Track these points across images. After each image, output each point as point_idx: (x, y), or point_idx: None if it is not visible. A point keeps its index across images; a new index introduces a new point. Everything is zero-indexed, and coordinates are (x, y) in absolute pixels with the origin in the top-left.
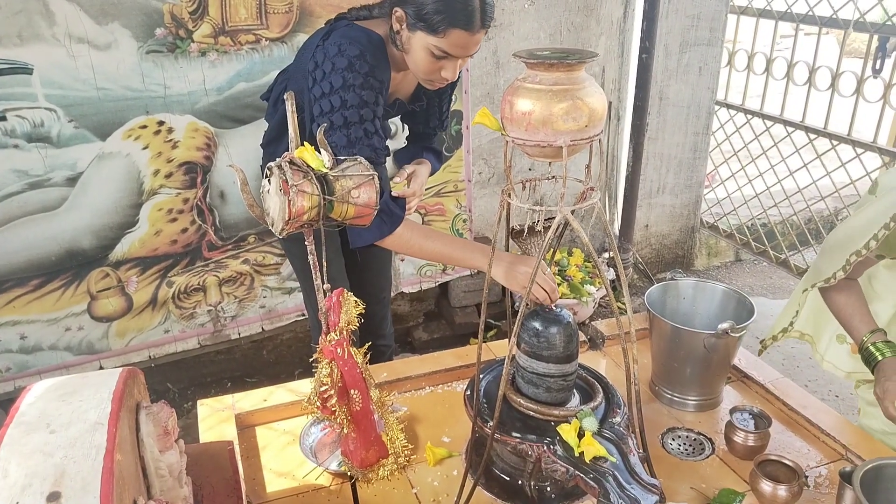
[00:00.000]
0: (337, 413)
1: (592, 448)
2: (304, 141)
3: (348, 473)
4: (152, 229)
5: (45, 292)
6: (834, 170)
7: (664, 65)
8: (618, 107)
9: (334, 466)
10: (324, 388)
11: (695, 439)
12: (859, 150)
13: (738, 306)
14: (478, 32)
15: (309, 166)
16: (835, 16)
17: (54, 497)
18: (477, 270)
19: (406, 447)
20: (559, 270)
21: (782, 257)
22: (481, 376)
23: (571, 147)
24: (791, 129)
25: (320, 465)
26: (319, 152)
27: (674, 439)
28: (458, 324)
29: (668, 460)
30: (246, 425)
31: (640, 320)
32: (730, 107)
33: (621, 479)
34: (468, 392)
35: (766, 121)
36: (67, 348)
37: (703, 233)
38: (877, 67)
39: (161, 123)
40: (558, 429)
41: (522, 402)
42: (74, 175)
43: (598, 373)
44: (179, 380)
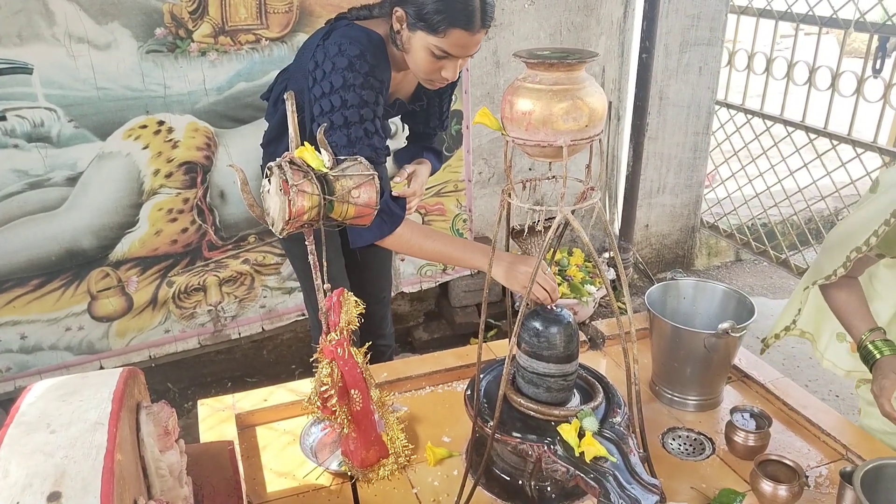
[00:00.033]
0: (337, 413)
1: (593, 448)
2: (304, 141)
3: (349, 473)
4: (152, 229)
5: (45, 292)
6: (834, 170)
7: (664, 64)
8: (618, 107)
9: (334, 466)
10: (324, 387)
11: (695, 439)
12: (859, 150)
13: (739, 306)
14: (478, 32)
15: (309, 166)
16: (835, 16)
17: (55, 497)
18: (477, 270)
19: (406, 447)
20: (559, 270)
21: (782, 257)
22: (481, 376)
23: (571, 147)
24: (791, 128)
25: (320, 465)
26: (320, 152)
27: (674, 439)
28: (458, 324)
29: (668, 460)
30: (246, 425)
31: (641, 320)
32: (730, 107)
33: (622, 479)
34: (468, 392)
35: (766, 120)
36: (68, 348)
37: (703, 233)
38: (877, 67)
39: (161, 123)
40: (559, 429)
41: (523, 401)
42: (74, 175)
43: (599, 373)
44: (180, 380)
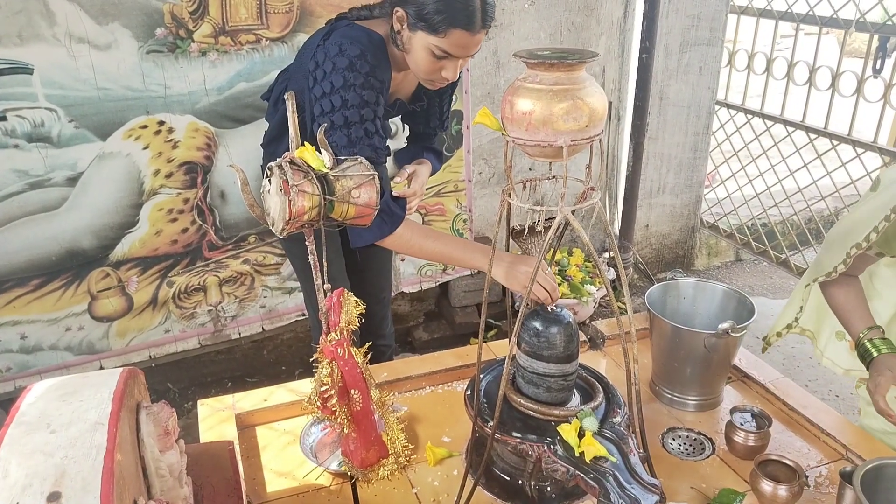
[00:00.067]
0: (337, 413)
1: (593, 448)
2: (304, 141)
3: (348, 473)
4: (153, 229)
5: (45, 292)
6: (834, 170)
7: (664, 65)
8: (618, 107)
9: (334, 466)
10: (324, 387)
11: (695, 439)
12: (859, 150)
13: (739, 306)
14: (478, 32)
15: (309, 166)
16: (835, 16)
17: (54, 497)
18: (477, 270)
19: (406, 447)
20: (559, 270)
21: (782, 257)
22: (481, 376)
23: (572, 147)
24: (791, 128)
25: (320, 465)
26: (320, 152)
27: (674, 439)
28: (458, 324)
29: (668, 460)
30: (246, 425)
31: (641, 320)
32: (730, 107)
33: (622, 479)
34: (468, 392)
35: (766, 121)
36: (68, 348)
37: (703, 233)
38: (877, 67)
39: (161, 123)
40: (559, 429)
41: (523, 401)
42: (75, 175)
43: (599, 373)
44: (180, 380)
